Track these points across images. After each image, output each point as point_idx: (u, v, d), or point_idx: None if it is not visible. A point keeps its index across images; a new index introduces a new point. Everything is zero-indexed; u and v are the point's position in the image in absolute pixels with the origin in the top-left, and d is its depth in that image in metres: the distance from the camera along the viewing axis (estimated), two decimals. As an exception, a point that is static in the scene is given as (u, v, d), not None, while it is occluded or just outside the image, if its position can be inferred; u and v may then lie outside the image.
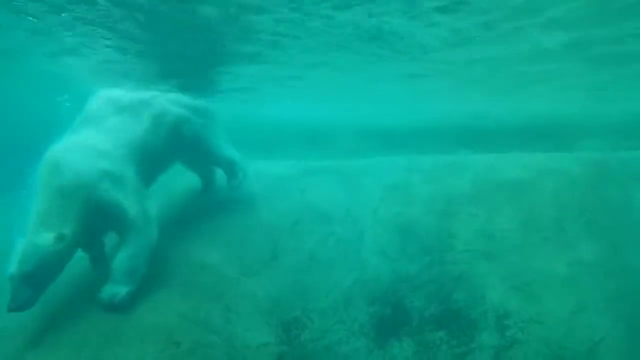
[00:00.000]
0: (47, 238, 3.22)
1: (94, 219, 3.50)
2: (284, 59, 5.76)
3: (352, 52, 5.44)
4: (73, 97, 6.82)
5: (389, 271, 4.44)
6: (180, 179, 5.35)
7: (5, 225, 4.55)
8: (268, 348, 3.64)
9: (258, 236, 4.78)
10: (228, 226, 4.87)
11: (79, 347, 3.20)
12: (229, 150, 5.03)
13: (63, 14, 4.15)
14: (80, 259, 3.79)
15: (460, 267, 4.34)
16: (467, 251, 4.47)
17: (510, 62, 5.77)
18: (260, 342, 3.67)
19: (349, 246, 4.76)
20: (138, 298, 3.52)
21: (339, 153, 7.40)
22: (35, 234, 3.26)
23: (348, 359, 3.63)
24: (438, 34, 4.76)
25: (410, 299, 4.15)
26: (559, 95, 7.21)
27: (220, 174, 5.15)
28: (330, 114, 10.44)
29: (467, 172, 5.20)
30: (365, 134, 9.00)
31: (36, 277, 3.19)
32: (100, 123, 3.98)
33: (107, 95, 4.25)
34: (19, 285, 3.15)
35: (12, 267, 3.19)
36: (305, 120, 9.60)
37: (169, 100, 4.54)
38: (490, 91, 7.31)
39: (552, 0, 3.98)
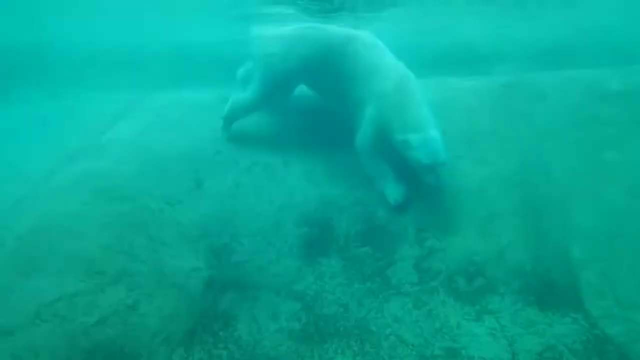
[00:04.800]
0: None
1: None
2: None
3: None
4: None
5: (316, 195, 4.58)
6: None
7: None
8: (199, 272, 3.70)
9: (179, 166, 4.67)
10: (146, 157, 4.70)
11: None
12: None
13: None
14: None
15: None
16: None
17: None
18: (190, 268, 3.71)
19: (275, 174, 4.81)
20: (50, 229, 3.37)
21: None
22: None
23: (279, 277, 3.78)
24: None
25: (337, 219, 4.34)
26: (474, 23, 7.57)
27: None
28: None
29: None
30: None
31: None
32: None
33: None
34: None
35: None
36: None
37: None
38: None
39: None
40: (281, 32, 4.84)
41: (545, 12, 7.61)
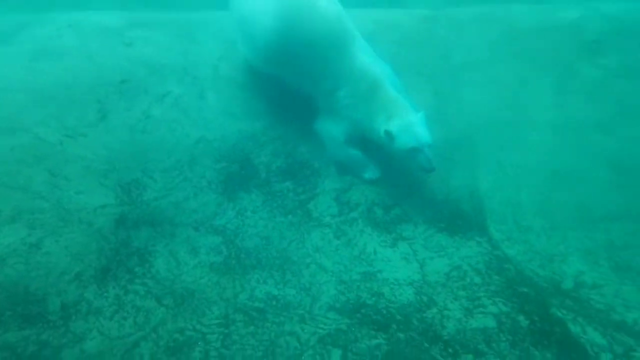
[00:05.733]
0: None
1: None
2: None
3: None
4: None
5: (234, 130, 4.46)
6: None
7: None
8: (107, 209, 3.49)
9: (79, 96, 4.28)
10: (41, 85, 4.24)
11: None
12: None
13: None
14: None
15: (304, 121, 4.57)
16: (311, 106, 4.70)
17: None
18: (97, 204, 3.49)
19: (189, 106, 4.58)
20: None
21: (170, 3, 6.71)
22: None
23: (197, 213, 3.70)
24: None
25: (257, 155, 4.29)
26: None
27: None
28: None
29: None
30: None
31: None
32: None
33: None
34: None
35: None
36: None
37: None
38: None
39: None
40: None
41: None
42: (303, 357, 2.78)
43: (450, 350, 2.80)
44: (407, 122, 3.88)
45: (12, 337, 2.74)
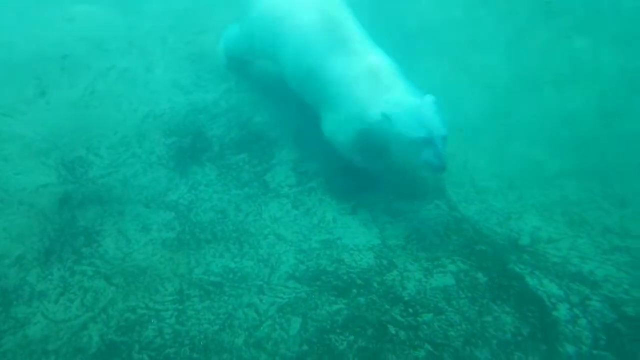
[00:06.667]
0: None
1: None
2: None
3: None
4: None
5: (184, 103, 4.31)
6: None
7: None
8: (50, 188, 3.33)
9: (15, 72, 4.05)
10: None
11: None
12: None
13: None
14: None
15: (258, 93, 4.47)
16: (265, 77, 4.59)
17: None
18: (39, 184, 3.32)
19: (136, 79, 4.41)
20: None
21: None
22: None
23: (147, 189, 3.56)
24: None
25: (209, 127, 4.16)
26: None
27: None
28: None
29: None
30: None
31: None
32: None
33: None
34: None
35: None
36: None
37: None
38: None
39: None
40: None
41: None
42: (262, 328, 2.73)
43: (410, 310, 2.81)
44: (412, 104, 3.16)
45: (-53, 327, 2.59)
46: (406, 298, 2.89)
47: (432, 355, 2.56)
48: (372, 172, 3.86)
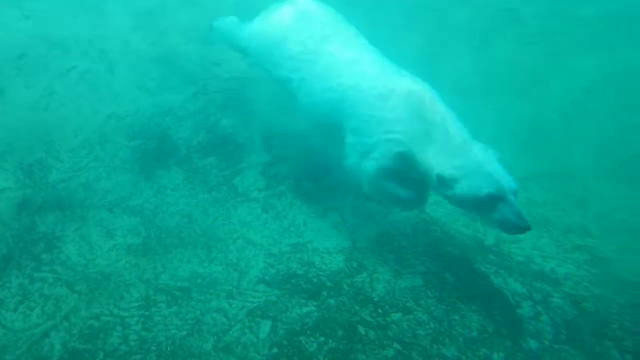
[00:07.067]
0: None
1: None
2: None
3: None
4: None
5: (149, 105, 4.29)
6: None
7: None
8: (7, 193, 3.26)
9: (-31, 72, 3.94)
10: None
11: None
12: None
13: None
14: None
15: (226, 95, 4.49)
16: (233, 79, 4.62)
17: None
18: (-6, 189, 3.25)
19: (97, 81, 4.35)
20: None
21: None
22: None
23: (111, 193, 3.53)
24: None
25: (175, 130, 4.15)
26: None
27: None
28: None
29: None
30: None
31: None
32: None
33: None
34: None
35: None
36: None
37: None
38: None
39: None
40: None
41: None
42: (231, 332, 2.76)
43: (380, 310, 2.89)
44: (472, 160, 2.78)
45: None
46: (376, 299, 2.98)
47: (400, 354, 2.64)
48: (342, 175, 3.95)
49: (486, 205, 2.69)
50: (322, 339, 2.71)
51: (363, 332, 2.75)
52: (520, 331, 2.84)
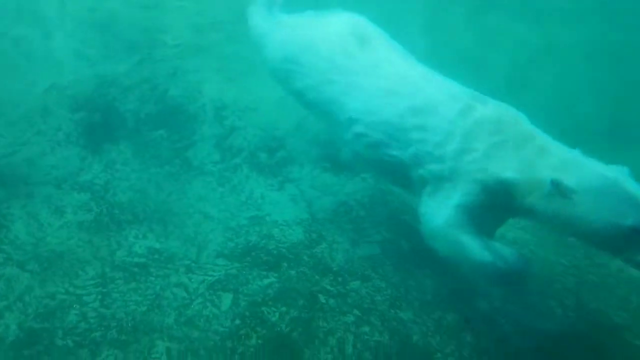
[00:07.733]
0: None
1: None
2: None
3: None
4: None
5: (91, 74, 4.21)
6: None
7: None
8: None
9: None
10: None
11: None
12: None
13: None
14: None
15: (173, 63, 4.46)
16: (179, 45, 4.59)
17: None
18: None
19: (32, 49, 4.21)
20: None
21: None
22: None
23: (57, 169, 3.49)
24: None
25: (121, 101, 4.11)
26: None
27: None
28: None
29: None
30: None
31: None
32: None
33: None
34: None
35: None
36: None
37: None
38: None
39: None
40: None
41: None
42: (192, 306, 2.87)
43: (339, 279, 3.07)
44: (602, 177, 2.23)
45: None
46: (335, 268, 3.16)
47: (360, 320, 2.85)
48: (299, 148, 4.07)
49: (627, 240, 2.09)
50: (283, 308, 2.87)
51: (324, 301, 2.93)
52: (472, 294, 3.11)
